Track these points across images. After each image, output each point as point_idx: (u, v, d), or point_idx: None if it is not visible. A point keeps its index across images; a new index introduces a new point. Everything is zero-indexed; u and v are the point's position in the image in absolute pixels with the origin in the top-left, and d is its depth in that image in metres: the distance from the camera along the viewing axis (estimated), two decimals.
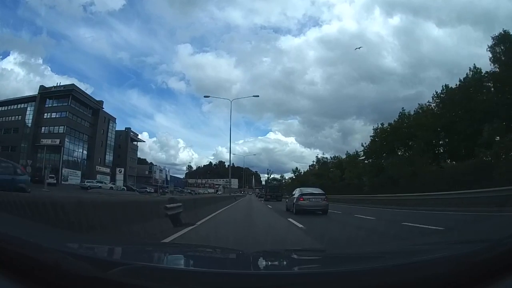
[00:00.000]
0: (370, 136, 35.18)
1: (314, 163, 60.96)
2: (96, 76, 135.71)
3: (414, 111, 30.32)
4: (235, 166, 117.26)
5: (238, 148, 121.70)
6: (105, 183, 46.21)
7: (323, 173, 51.32)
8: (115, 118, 66.85)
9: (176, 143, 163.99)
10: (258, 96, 37.63)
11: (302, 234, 6.83)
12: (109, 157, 62.27)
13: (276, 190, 40.69)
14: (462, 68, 62.39)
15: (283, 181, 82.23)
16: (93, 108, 58.52)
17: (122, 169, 51.14)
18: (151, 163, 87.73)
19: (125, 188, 47.17)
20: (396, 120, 31.79)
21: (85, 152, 55.89)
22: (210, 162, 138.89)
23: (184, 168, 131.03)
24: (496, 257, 1.05)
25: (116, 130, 68.89)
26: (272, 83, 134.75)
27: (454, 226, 7.62)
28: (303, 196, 12.47)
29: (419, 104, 30.24)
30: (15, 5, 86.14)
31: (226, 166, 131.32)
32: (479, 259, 1.07)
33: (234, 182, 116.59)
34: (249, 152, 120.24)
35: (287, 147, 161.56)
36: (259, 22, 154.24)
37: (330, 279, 1.01)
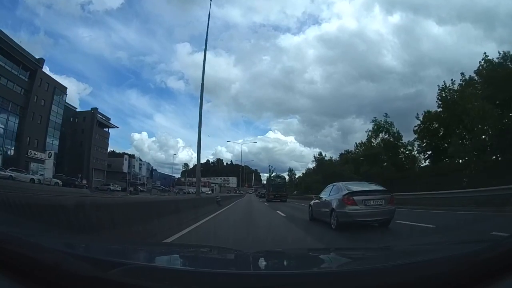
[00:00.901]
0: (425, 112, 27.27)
1: (370, 131, 35.27)
2: (94, 77, 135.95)
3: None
4: (233, 163, 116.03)
5: (237, 147, 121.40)
6: (23, 172, 30.07)
7: (379, 153, 32.00)
8: (66, 88, 48.32)
9: (175, 142, 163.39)
10: None
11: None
12: (53, 141, 43.90)
13: (281, 189, 34.35)
14: (462, 66, 61.92)
15: (292, 179, 71.49)
16: (30, 68, 40.15)
17: (52, 153, 33.73)
18: (123, 153, 70.22)
19: (59, 182, 31.89)
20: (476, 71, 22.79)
21: (12, 128, 38.15)
22: (208, 160, 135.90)
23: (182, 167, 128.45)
24: (496, 257, 1.05)
25: (78, 111, 53.05)
26: (271, 82, 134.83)
27: None
28: (354, 197, 6.84)
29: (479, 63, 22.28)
30: (13, 5, 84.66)
31: (225, 164, 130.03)
32: (479, 259, 1.07)
33: (233, 181, 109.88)
34: (248, 152, 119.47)
35: (286, 146, 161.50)
36: (258, 21, 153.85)
37: (330, 279, 1.01)
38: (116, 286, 0.95)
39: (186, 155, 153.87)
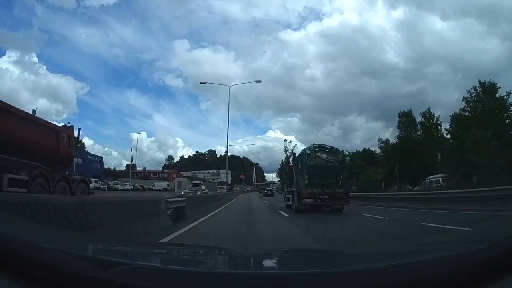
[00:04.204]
0: None
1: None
2: (93, 76, 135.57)
3: None
4: (229, 155, 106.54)
5: (237, 147, 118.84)
6: None
7: None
8: None
9: (174, 142, 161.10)
10: None
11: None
12: None
13: (335, 179, 12.14)
14: (466, 63, 61.00)
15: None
16: None
17: None
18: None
19: None
20: None
21: None
22: (197, 151, 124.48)
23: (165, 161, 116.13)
24: (496, 257, 1.05)
25: None
26: (271, 79, 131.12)
27: None
28: None
29: None
30: (8, 2, 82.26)
31: (218, 156, 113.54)
32: (479, 259, 1.07)
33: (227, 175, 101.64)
34: (248, 151, 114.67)
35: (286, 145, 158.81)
36: (258, 16, 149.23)
37: (330, 279, 1.01)
38: (116, 286, 0.95)
39: (186, 155, 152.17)
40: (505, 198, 10.14)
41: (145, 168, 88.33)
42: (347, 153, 30.77)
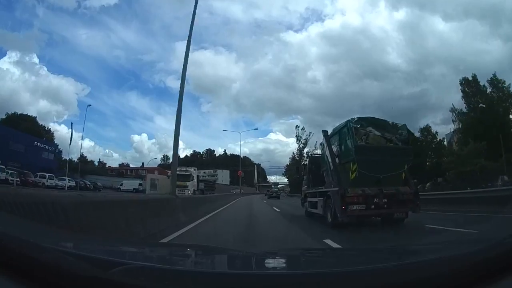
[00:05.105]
0: None
1: None
2: (94, 78, 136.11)
3: None
4: (228, 154, 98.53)
5: (238, 149, 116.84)
6: None
7: None
8: None
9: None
10: None
11: None
12: None
13: (396, 173, 7.15)
14: (468, 64, 60.36)
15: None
16: None
17: None
18: None
19: None
20: None
21: None
22: (194, 150, 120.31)
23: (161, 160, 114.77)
24: (496, 257, 1.05)
25: None
26: (273, 81, 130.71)
27: None
28: None
29: None
30: (9, 2, 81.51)
31: (217, 155, 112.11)
32: (479, 259, 1.07)
33: (224, 175, 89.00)
34: (249, 154, 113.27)
35: (288, 148, 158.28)
36: (260, 17, 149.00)
37: (330, 279, 1.01)
38: (116, 286, 0.95)
39: (185, 156, 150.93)
40: None
41: (123, 162, 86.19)
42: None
